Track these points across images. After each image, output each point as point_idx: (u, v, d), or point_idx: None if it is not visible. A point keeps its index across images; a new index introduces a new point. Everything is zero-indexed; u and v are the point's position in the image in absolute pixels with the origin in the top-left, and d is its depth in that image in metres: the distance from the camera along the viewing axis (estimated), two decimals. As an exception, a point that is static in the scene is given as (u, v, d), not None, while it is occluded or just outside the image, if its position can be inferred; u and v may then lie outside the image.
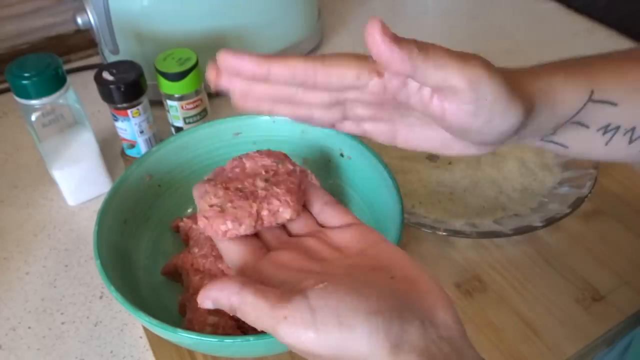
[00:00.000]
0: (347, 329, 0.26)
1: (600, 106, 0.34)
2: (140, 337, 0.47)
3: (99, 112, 0.69)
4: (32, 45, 0.75)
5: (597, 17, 0.83)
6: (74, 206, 0.58)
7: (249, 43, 0.68)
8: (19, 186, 0.61)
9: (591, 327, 0.45)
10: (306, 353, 0.27)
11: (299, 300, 0.27)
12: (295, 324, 0.26)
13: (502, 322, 0.46)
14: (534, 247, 0.51)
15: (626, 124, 0.34)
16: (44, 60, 0.50)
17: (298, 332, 0.26)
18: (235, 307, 0.28)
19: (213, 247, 0.45)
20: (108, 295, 0.50)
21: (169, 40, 0.63)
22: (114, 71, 0.54)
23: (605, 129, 0.34)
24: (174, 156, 0.50)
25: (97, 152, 0.56)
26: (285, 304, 0.27)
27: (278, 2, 0.69)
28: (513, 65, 0.34)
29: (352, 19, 0.87)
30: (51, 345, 0.46)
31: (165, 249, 0.49)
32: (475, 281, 0.49)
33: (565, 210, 0.49)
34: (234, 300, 0.28)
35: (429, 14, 0.88)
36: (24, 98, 0.50)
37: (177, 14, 0.64)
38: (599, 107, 0.34)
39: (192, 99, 0.58)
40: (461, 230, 0.49)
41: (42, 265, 0.53)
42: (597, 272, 0.49)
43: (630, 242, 0.51)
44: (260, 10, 0.68)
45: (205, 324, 0.41)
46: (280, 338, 0.27)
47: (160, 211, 0.50)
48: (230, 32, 0.66)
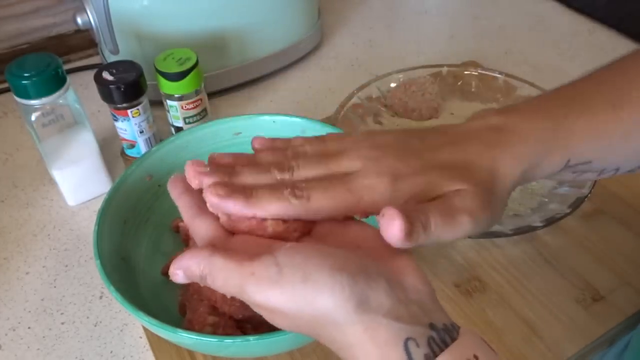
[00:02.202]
0: (312, 284, 0.26)
1: (577, 168, 0.35)
2: (140, 337, 0.47)
3: (99, 112, 0.69)
4: (32, 45, 0.75)
5: (597, 17, 0.83)
6: (74, 206, 0.58)
7: (249, 43, 0.68)
8: (19, 186, 0.61)
9: (591, 327, 0.45)
10: (273, 311, 0.27)
11: (266, 258, 0.27)
12: (262, 280, 0.27)
13: (502, 322, 0.46)
14: (534, 247, 0.51)
15: (596, 169, 0.36)
16: (43, 60, 0.50)
17: (265, 288, 0.27)
18: (205, 273, 0.29)
19: (213, 247, 0.45)
20: (108, 295, 0.50)
21: (169, 40, 0.63)
22: (114, 71, 0.54)
23: (577, 172, 0.36)
24: (174, 156, 0.50)
25: (97, 152, 0.56)
26: (254, 262, 0.27)
27: (278, 2, 0.69)
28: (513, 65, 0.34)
29: (352, 18, 0.87)
30: (51, 345, 0.46)
31: (165, 249, 0.49)
32: (475, 281, 0.49)
33: (565, 210, 0.49)
34: (204, 265, 0.29)
35: (429, 13, 0.88)
36: (24, 98, 0.50)
37: (177, 14, 0.64)
38: (577, 168, 0.35)
39: (192, 99, 0.58)
40: (461, 230, 0.49)
41: (42, 265, 0.53)
42: (597, 272, 0.49)
43: (630, 242, 0.51)
44: (260, 10, 0.68)
45: (205, 324, 0.41)
46: (248, 296, 0.27)
47: (160, 211, 0.50)
48: (230, 32, 0.66)
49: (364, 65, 0.77)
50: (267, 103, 0.71)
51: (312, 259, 0.27)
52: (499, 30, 0.83)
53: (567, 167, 0.34)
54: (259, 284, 0.27)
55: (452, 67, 0.66)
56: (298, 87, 0.73)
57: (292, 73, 0.75)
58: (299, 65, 0.76)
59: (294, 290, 0.26)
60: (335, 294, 0.26)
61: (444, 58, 0.74)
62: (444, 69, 0.66)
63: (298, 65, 0.76)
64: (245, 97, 0.72)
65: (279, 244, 0.29)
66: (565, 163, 0.34)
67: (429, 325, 0.26)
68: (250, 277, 0.27)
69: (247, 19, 0.67)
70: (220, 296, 0.41)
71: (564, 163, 0.34)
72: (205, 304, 0.42)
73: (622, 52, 0.38)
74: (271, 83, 0.74)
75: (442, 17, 0.87)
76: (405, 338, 0.25)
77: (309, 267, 0.26)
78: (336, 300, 0.26)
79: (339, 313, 0.26)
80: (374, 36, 0.83)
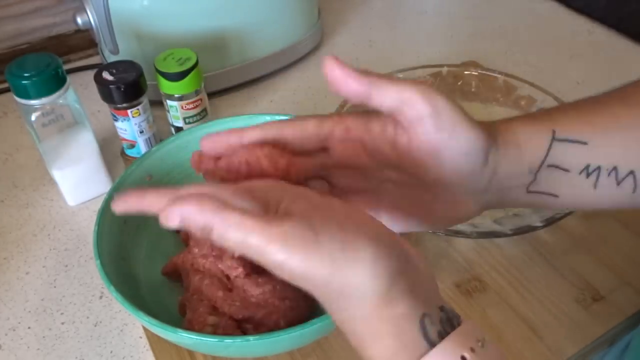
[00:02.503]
0: (351, 254, 0.25)
1: (569, 146, 0.33)
2: (140, 337, 0.47)
3: (99, 112, 0.69)
4: (32, 45, 0.75)
5: (597, 17, 0.83)
6: (74, 206, 0.58)
7: (249, 43, 0.68)
8: (19, 186, 0.61)
9: (591, 327, 0.45)
10: (302, 277, 0.25)
11: (300, 220, 0.25)
12: (295, 243, 0.25)
13: (502, 322, 0.46)
14: (534, 247, 0.51)
15: (605, 163, 0.34)
16: (43, 60, 0.50)
17: (296, 252, 0.25)
18: (211, 226, 0.26)
19: (213, 247, 0.45)
20: (108, 295, 0.50)
21: (169, 40, 0.63)
22: (114, 71, 0.54)
23: (587, 170, 0.34)
24: (174, 156, 0.50)
25: (97, 152, 0.56)
26: (283, 222, 0.25)
27: (278, 2, 0.69)
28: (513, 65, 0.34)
29: (352, 18, 0.87)
30: (51, 345, 0.46)
31: (165, 249, 0.49)
32: (475, 281, 0.49)
33: (565, 210, 0.49)
34: (212, 217, 0.25)
35: (429, 14, 0.88)
36: (24, 98, 0.50)
37: (177, 14, 0.64)
38: (569, 147, 0.33)
39: (192, 99, 0.58)
40: (461, 230, 0.49)
41: (42, 265, 0.53)
42: (597, 272, 0.49)
43: (630, 242, 0.51)
44: (260, 10, 0.68)
45: (205, 324, 0.41)
46: (272, 259, 0.25)
47: (160, 211, 0.50)
48: (230, 32, 0.66)
49: (364, 65, 0.75)
50: (267, 103, 0.71)
51: (347, 225, 0.26)
52: (499, 30, 0.83)
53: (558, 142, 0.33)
54: (289, 247, 0.25)
55: (452, 67, 0.66)
56: (298, 87, 0.73)
57: (292, 73, 0.75)
58: (299, 65, 0.76)
59: (331, 258, 0.25)
60: (375, 266, 0.25)
61: (444, 58, 0.74)
62: (444, 69, 0.66)
63: (298, 65, 0.76)
64: (245, 97, 0.72)
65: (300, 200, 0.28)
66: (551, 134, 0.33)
67: (439, 307, 0.27)
68: (279, 238, 0.25)
69: (247, 19, 0.67)
70: (221, 296, 0.41)
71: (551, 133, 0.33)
72: (205, 304, 0.42)
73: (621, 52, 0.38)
74: (271, 83, 0.74)
75: (442, 17, 0.87)
76: (422, 313, 0.26)
77: (348, 235, 0.25)
78: (372, 272, 0.25)
79: (370, 285, 0.25)
80: (374, 36, 0.83)
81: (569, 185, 0.34)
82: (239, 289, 0.41)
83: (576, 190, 0.34)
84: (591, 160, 0.34)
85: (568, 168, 0.34)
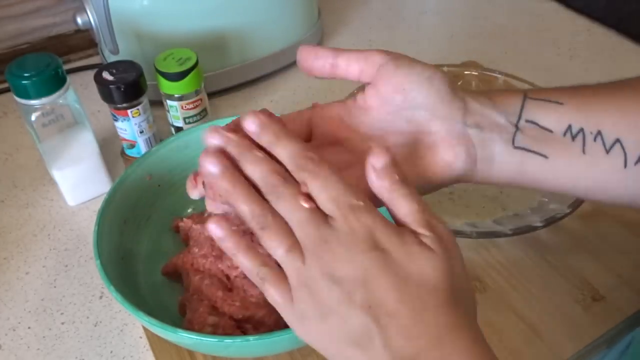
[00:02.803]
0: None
1: (544, 105, 0.34)
2: (140, 337, 0.47)
3: (99, 112, 0.69)
4: (32, 45, 0.75)
5: (597, 17, 0.83)
6: (74, 206, 0.58)
7: (249, 43, 0.68)
8: (19, 186, 0.61)
9: (591, 327, 0.45)
10: None
11: None
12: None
13: (502, 322, 0.46)
14: (534, 247, 0.51)
15: (588, 126, 0.34)
16: (43, 60, 0.50)
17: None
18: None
19: (213, 247, 0.45)
20: (108, 295, 0.50)
21: (169, 40, 0.63)
22: (114, 71, 0.54)
23: (570, 131, 0.34)
24: (174, 156, 0.50)
25: (97, 152, 0.56)
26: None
27: (278, 2, 0.69)
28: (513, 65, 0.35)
29: (352, 18, 0.87)
30: (51, 345, 0.46)
31: (165, 249, 0.49)
32: (475, 281, 0.49)
33: (565, 210, 0.49)
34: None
35: (429, 14, 0.88)
36: (24, 98, 0.50)
37: (177, 14, 0.64)
38: (544, 106, 0.34)
39: (192, 99, 0.58)
40: (461, 230, 0.49)
41: (42, 265, 0.53)
42: (597, 272, 0.49)
43: (630, 242, 0.51)
44: (260, 10, 0.68)
45: (205, 324, 0.41)
46: None
47: (160, 211, 0.50)
48: (230, 32, 0.66)
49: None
50: (267, 103, 0.70)
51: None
52: (499, 30, 0.83)
53: (532, 100, 0.34)
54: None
55: (452, 67, 0.66)
56: (298, 87, 0.73)
57: (292, 73, 0.75)
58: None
59: None
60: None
61: (444, 58, 0.74)
62: (444, 69, 0.66)
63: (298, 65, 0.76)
64: (245, 97, 0.72)
65: None
66: (523, 95, 0.35)
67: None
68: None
69: (247, 19, 0.67)
70: (221, 296, 0.41)
71: (522, 94, 0.35)
72: (205, 304, 0.42)
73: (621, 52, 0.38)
74: (271, 83, 0.74)
75: (442, 17, 0.87)
76: None
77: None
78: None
79: None
80: (374, 36, 0.83)
81: (556, 147, 0.34)
82: (239, 289, 0.41)
83: (565, 153, 0.34)
84: (572, 121, 0.34)
85: (550, 128, 0.34)
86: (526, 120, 0.34)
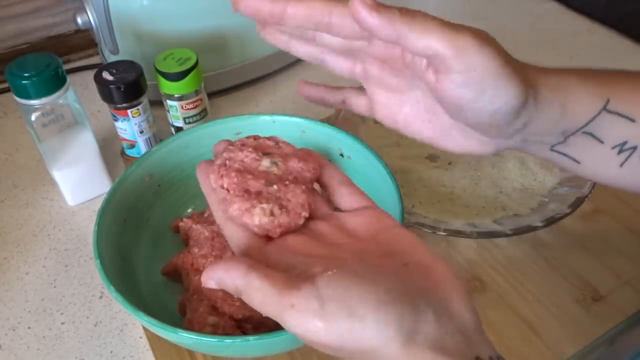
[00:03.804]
0: (357, 320, 0.25)
1: (616, 119, 0.32)
2: (140, 337, 0.47)
3: (99, 112, 0.69)
4: (32, 45, 0.75)
5: (597, 17, 0.83)
6: (74, 206, 0.58)
7: (249, 43, 0.68)
8: (19, 186, 0.61)
9: (591, 327, 0.45)
10: (314, 343, 0.26)
11: (307, 289, 0.26)
12: (303, 313, 0.25)
13: (502, 322, 0.46)
14: (534, 247, 0.51)
15: None
16: (43, 60, 0.50)
17: (306, 321, 0.25)
18: (240, 290, 0.27)
19: (213, 247, 0.45)
20: (108, 295, 0.50)
21: (169, 40, 0.63)
22: (114, 71, 0.54)
23: (621, 147, 0.32)
24: (174, 156, 0.50)
25: (97, 152, 0.56)
26: (293, 292, 0.26)
27: (278, 2, 0.69)
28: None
29: (352, 19, 0.86)
30: (51, 345, 0.46)
31: (165, 248, 0.49)
32: (475, 281, 0.49)
33: (565, 210, 0.49)
34: (239, 283, 0.27)
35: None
36: (24, 98, 0.50)
37: (177, 14, 0.64)
38: (615, 121, 0.32)
39: (192, 99, 0.58)
40: (461, 230, 0.49)
41: (42, 265, 0.53)
42: (597, 272, 0.49)
43: (630, 242, 0.51)
44: (260, 10, 0.67)
45: (205, 324, 0.41)
46: (287, 326, 0.26)
47: (160, 211, 0.50)
48: (230, 32, 0.66)
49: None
50: (267, 103, 0.70)
51: (356, 290, 0.25)
52: (499, 30, 0.82)
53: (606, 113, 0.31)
54: (299, 317, 0.25)
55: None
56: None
57: (292, 73, 0.75)
58: (299, 65, 0.76)
59: (337, 325, 0.25)
60: (382, 332, 0.25)
61: (444, 58, 0.74)
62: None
63: (298, 65, 0.76)
64: (245, 97, 0.72)
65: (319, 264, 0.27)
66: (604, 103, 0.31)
67: (475, 358, 0.25)
68: (289, 308, 0.26)
69: (247, 18, 0.67)
70: (220, 296, 0.41)
71: (603, 102, 0.31)
72: (205, 304, 0.42)
73: (622, 52, 0.38)
74: (271, 83, 0.74)
75: (442, 17, 0.87)
76: None
77: (354, 300, 0.25)
78: (382, 337, 0.25)
79: (384, 349, 0.25)
80: (374, 36, 0.83)
81: (596, 157, 0.33)
82: (239, 289, 0.41)
83: (601, 163, 0.33)
84: (631, 138, 0.32)
85: (603, 140, 0.32)
86: (583, 132, 0.32)
